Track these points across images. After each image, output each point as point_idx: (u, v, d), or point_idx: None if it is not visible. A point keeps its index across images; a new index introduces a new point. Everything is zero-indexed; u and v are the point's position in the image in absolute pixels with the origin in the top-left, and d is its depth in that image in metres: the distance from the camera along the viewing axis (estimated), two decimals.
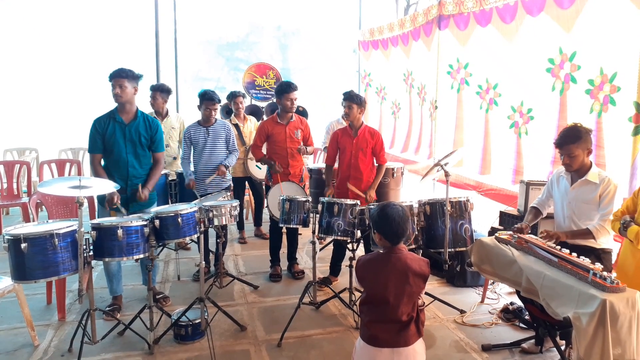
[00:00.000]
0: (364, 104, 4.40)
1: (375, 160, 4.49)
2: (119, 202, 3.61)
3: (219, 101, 4.68)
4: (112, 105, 3.83)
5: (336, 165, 4.65)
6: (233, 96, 5.74)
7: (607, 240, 3.18)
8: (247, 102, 7.56)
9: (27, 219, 5.93)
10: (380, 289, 2.28)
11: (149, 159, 3.93)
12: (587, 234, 3.12)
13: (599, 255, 3.16)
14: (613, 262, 3.31)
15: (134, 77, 3.74)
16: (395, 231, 2.31)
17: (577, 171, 3.20)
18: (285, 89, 4.59)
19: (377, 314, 2.31)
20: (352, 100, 4.33)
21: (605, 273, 2.46)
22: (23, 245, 2.75)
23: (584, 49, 4.12)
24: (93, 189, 3.11)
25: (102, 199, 3.76)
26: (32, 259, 2.80)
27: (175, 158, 5.44)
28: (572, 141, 3.10)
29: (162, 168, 4.07)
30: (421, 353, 2.32)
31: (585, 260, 2.67)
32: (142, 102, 5.40)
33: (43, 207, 4.63)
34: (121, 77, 3.67)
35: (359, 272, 2.37)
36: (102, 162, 3.84)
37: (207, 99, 4.58)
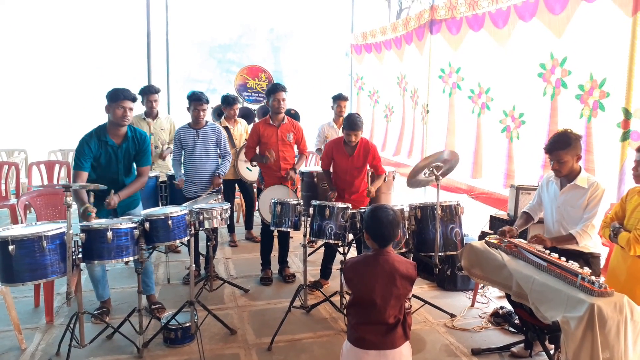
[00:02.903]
0: (363, 125, 4.34)
1: (373, 171, 4.51)
2: (94, 213, 3.40)
3: (207, 101, 4.64)
4: (103, 106, 3.71)
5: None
6: (232, 103, 5.65)
7: (594, 244, 3.20)
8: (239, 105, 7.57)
9: (15, 220, 5.87)
10: (368, 291, 2.29)
11: (134, 172, 3.85)
12: (571, 239, 3.14)
13: (588, 259, 3.18)
14: (602, 266, 3.34)
15: (136, 100, 3.66)
16: (382, 234, 2.33)
17: (566, 176, 3.23)
18: (272, 89, 4.60)
19: (364, 316, 2.31)
20: (357, 128, 4.20)
21: (593, 277, 2.48)
22: (11, 247, 2.72)
23: (574, 55, 4.16)
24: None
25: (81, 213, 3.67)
26: (20, 262, 2.77)
27: (164, 159, 5.41)
28: (562, 147, 3.12)
29: (144, 183, 3.84)
30: (407, 356, 2.34)
31: (573, 265, 2.69)
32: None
33: (31, 208, 4.59)
34: (132, 101, 3.57)
35: (346, 274, 2.37)
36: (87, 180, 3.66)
37: (194, 99, 4.56)
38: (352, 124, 4.19)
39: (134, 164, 3.81)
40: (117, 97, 3.50)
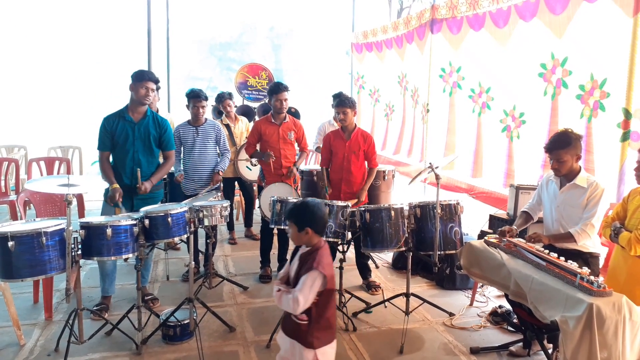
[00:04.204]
0: (355, 105, 4.41)
1: (366, 164, 4.51)
2: (121, 199, 3.68)
3: (206, 98, 4.66)
4: (103, 103, 3.84)
5: None
6: (221, 99, 5.72)
7: (593, 244, 3.20)
8: (239, 102, 7.56)
9: (14, 217, 5.86)
10: (334, 281, 2.42)
11: (157, 158, 4.01)
12: (569, 237, 3.14)
13: (587, 259, 3.18)
14: (601, 266, 3.34)
15: (158, 82, 3.96)
16: (325, 222, 2.47)
17: (565, 176, 3.23)
18: (274, 89, 4.60)
19: (333, 306, 2.42)
20: (345, 104, 4.31)
21: (592, 277, 2.48)
22: (10, 243, 2.72)
23: (575, 55, 4.15)
24: (82, 186, 3.09)
25: (107, 194, 3.77)
26: (19, 258, 2.77)
27: None
28: (562, 146, 3.12)
29: (172, 165, 4.15)
30: None
31: (572, 264, 2.69)
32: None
33: (31, 205, 4.59)
34: (155, 82, 3.85)
35: (330, 274, 2.34)
36: (111, 160, 3.89)
37: (193, 96, 4.58)
38: (339, 100, 4.37)
39: (157, 149, 3.99)
40: (141, 78, 3.77)
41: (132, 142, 3.82)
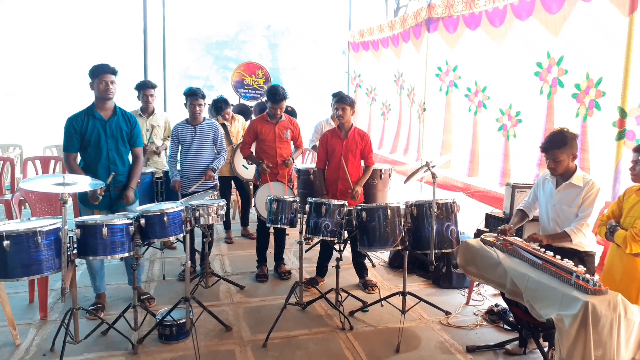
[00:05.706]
0: (354, 105, 4.42)
1: (362, 162, 4.51)
2: (102, 193, 3.60)
3: (203, 96, 4.66)
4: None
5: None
6: (219, 111, 5.72)
7: (588, 242, 3.21)
8: (235, 101, 7.55)
9: (9, 216, 5.83)
10: None
11: (128, 155, 3.92)
12: (565, 236, 3.16)
13: (583, 257, 3.20)
14: (596, 264, 3.35)
15: (116, 73, 3.75)
16: None
17: (562, 175, 3.24)
18: (271, 98, 4.53)
19: None
20: (345, 101, 4.32)
21: (588, 275, 2.49)
22: (5, 242, 2.70)
23: (571, 54, 4.17)
24: (77, 186, 3.08)
25: (83, 197, 3.72)
26: (14, 257, 2.75)
27: (159, 155, 5.40)
28: (558, 146, 3.13)
29: (142, 164, 4.05)
30: None
31: (568, 263, 2.70)
32: (131, 100, 5.36)
33: (26, 204, 4.57)
34: (113, 74, 3.68)
35: None
36: (80, 161, 3.79)
37: (190, 94, 4.58)
38: (339, 97, 4.37)
39: (127, 146, 3.87)
40: (97, 72, 3.64)
41: (105, 140, 3.72)
